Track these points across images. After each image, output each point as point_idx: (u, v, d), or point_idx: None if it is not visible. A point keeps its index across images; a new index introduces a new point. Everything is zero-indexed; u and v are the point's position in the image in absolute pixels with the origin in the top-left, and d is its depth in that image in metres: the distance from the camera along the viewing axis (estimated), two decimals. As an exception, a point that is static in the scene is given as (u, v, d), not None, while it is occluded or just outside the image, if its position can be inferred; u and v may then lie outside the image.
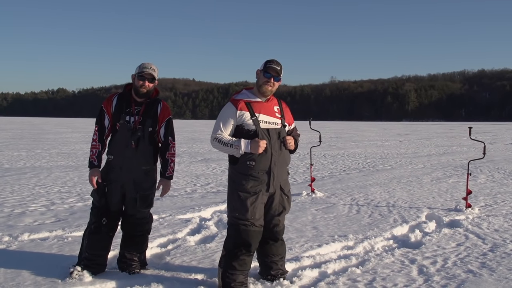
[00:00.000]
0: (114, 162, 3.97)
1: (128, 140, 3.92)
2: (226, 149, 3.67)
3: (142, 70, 3.93)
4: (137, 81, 3.95)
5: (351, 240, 5.27)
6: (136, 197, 3.97)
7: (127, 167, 3.94)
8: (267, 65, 3.69)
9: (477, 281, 3.97)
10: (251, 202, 3.64)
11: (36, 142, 22.48)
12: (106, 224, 3.96)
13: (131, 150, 3.93)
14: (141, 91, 3.95)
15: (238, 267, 3.66)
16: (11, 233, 5.39)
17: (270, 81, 3.68)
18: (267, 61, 3.72)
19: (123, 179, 3.95)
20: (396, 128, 55.71)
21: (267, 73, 3.67)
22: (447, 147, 21.69)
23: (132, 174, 3.95)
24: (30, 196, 7.96)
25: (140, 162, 3.97)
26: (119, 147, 3.96)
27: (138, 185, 3.97)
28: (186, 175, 10.93)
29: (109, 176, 3.96)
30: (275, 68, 3.67)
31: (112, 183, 3.96)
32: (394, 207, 7.26)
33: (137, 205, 3.98)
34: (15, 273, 3.98)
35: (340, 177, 10.91)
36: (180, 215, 6.48)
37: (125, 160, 3.93)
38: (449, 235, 5.51)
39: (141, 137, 3.95)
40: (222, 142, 3.66)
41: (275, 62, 3.70)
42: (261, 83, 3.71)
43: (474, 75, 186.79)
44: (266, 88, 3.70)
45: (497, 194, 8.50)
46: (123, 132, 3.94)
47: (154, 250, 4.80)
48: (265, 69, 3.68)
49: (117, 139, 3.97)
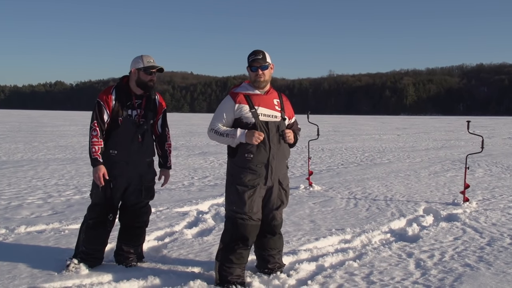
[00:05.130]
0: (118, 157, 3.89)
1: (134, 135, 3.90)
2: (222, 139, 3.67)
3: (148, 64, 3.89)
4: (144, 76, 3.90)
5: (348, 233, 5.27)
6: (141, 189, 3.98)
7: (133, 161, 3.92)
8: (249, 59, 3.70)
9: (475, 275, 3.97)
10: (249, 196, 3.62)
11: (34, 135, 22.43)
12: (112, 219, 3.99)
13: (137, 144, 3.91)
14: (150, 85, 3.94)
15: (235, 261, 3.65)
16: (8, 225, 5.37)
17: (258, 72, 3.67)
18: (249, 55, 3.73)
19: (129, 173, 3.92)
20: (394, 122, 55.73)
21: (252, 67, 3.68)
22: (445, 141, 21.72)
23: (138, 168, 3.96)
24: (27, 188, 7.94)
25: (145, 155, 4.00)
26: (124, 141, 3.89)
27: (143, 178, 3.99)
28: (184, 168, 10.92)
29: (113, 171, 3.87)
30: (257, 60, 3.67)
31: (117, 178, 3.90)
32: (392, 200, 7.26)
33: (142, 196, 4.01)
34: (11, 266, 3.97)
35: (338, 170, 10.91)
36: (178, 208, 6.48)
37: (132, 154, 3.90)
38: (446, 229, 5.51)
39: (146, 131, 3.96)
40: (218, 132, 3.67)
41: (255, 52, 3.71)
42: (252, 79, 3.71)
43: (472, 70, 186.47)
44: (259, 81, 3.69)
45: (495, 188, 8.51)
46: (127, 126, 3.89)
47: (151, 243, 4.79)
48: (249, 64, 3.70)
49: (121, 134, 3.89)
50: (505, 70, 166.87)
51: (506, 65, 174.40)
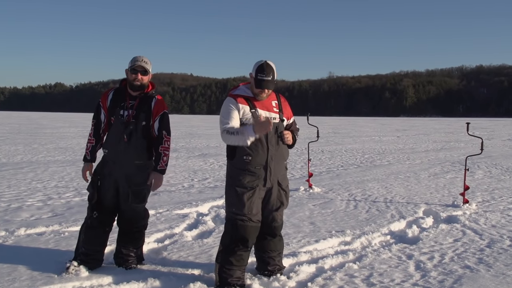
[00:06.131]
0: (108, 156, 3.97)
1: (120, 134, 3.91)
2: (235, 138, 3.51)
3: (134, 63, 3.90)
4: (130, 75, 3.92)
5: (348, 235, 5.27)
6: (128, 192, 3.93)
7: (119, 161, 3.92)
8: (258, 76, 3.58)
9: (474, 277, 3.97)
10: (248, 197, 3.62)
11: (33, 137, 22.42)
12: (97, 217, 3.94)
13: (123, 144, 3.90)
14: (135, 84, 3.92)
15: (235, 263, 3.65)
16: (8, 227, 5.37)
17: (264, 91, 3.66)
18: (257, 69, 3.58)
19: (116, 173, 3.93)
20: (394, 123, 55.75)
21: (259, 85, 3.61)
22: (445, 142, 21.72)
23: (124, 168, 3.92)
24: (27, 190, 7.93)
25: (132, 156, 3.92)
26: (112, 141, 3.95)
27: (130, 180, 3.93)
28: (184, 170, 10.91)
29: (103, 170, 3.96)
30: (267, 81, 3.58)
31: (105, 177, 3.94)
32: (392, 202, 7.26)
33: (129, 200, 3.95)
34: (11, 268, 3.97)
35: (337, 172, 10.91)
36: (177, 210, 6.47)
37: (118, 154, 3.91)
38: (446, 231, 5.51)
39: (133, 131, 3.91)
40: (230, 132, 3.52)
41: (266, 72, 3.56)
42: (255, 92, 3.68)
43: (472, 71, 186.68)
44: (261, 96, 3.69)
45: (495, 189, 8.51)
46: (117, 126, 3.93)
47: (151, 245, 4.79)
48: (256, 81, 3.60)
49: (111, 133, 3.97)
50: (504, 72, 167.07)
51: (505, 66, 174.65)
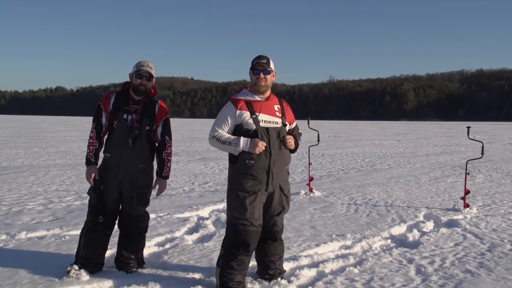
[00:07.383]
0: (111, 161, 3.96)
1: (125, 139, 3.92)
2: (224, 147, 3.67)
3: (139, 68, 3.94)
4: (135, 80, 3.96)
5: (349, 239, 5.27)
6: (133, 195, 3.96)
7: (124, 165, 3.93)
8: (253, 62, 3.74)
9: (475, 281, 3.97)
10: (250, 202, 3.63)
11: (34, 141, 22.44)
12: (102, 222, 3.95)
13: (128, 148, 3.92)
14: (140, 89, 3.96)
15: (236, 267, 3.65)
16: (9, 231, 5.37)
17: (260, 76, 3.69)
18: (253, 59, 3.77)
19: (120, 177, 3.94)
20: (394, 127, 55.74)
21: (255, 70, 3.71)
22: (445, 146, 21.72)
23: (129, 172, 3.94)
24: (28, 194, 7.94)
25: (137, 160, 3.97)
26: (116, 145, 3.95)
27: (134, 183, 3.97)
28: (184, 174, 10.92)
29: (105, 174, 3.95)
30: (261, 63, 3.70)
31: (108, 181, 3.95)
32: (392, 206, 7.26)
33: (133, 203, 3.98)
34: (12, 272, 3.97)
35: (338, 176, 10.91)
36: (178, 214, 6.47)
37: (123, 158, 3.92)
38: (447, 235, 5.51)
39: (138, 135, 3.95)
40: (220, 140, 3.66)
41: (260, 57, 3.75)
42: (253, 82, 3.73)
43: (472, 75, 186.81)
44: (259, 85, 3.71)
45: (495, 193, 8.51)
46: (121, 130, 3.94)
47: (152, 249, 4.79)
48: (252, 67, 3.74)
49: (114, 138, 3.96)
50: (505, 76, 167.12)
51: (506, 70, 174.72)
